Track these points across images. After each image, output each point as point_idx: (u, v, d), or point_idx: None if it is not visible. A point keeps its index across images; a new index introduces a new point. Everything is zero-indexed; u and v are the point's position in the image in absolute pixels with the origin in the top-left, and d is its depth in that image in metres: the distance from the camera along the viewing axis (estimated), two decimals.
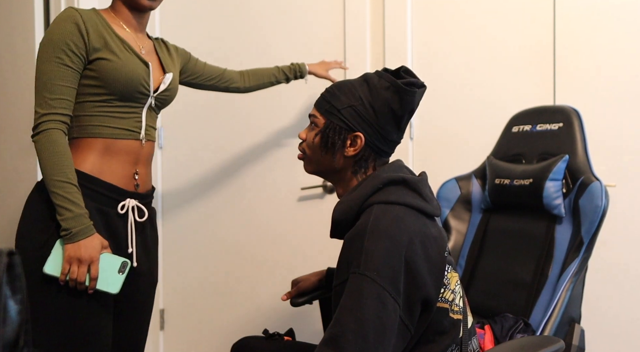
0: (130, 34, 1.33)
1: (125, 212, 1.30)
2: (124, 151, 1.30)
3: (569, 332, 1.30)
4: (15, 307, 0.58)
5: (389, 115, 1.08)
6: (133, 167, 1.33)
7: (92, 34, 1.23)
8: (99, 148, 1.28)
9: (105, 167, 1.28)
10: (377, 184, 1.05)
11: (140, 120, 1.33)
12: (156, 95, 1.35)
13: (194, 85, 1.62)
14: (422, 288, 0.98)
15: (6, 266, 0.58)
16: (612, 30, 1.75)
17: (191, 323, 2.27)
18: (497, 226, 1.65)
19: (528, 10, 1.87)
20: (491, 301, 1.55)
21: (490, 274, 1.60)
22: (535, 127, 1.62)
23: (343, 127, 1.09)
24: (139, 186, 1.35)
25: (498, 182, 1.61)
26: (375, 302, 0.92)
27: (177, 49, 1.53)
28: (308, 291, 1.46)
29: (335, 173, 1.14)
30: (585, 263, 1.34)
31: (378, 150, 1.11)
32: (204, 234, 2.24)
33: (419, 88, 1.10)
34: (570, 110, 1.56)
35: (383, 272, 0.94)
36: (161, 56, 1.41)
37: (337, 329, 0.93)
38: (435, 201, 1.10)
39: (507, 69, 1.91)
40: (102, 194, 1.27)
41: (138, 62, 1.30)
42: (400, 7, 1.96)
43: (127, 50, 1.29)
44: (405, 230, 0.99)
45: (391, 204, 1.02)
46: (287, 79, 1.74)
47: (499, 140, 1.74)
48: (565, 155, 1.46)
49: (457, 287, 1.08)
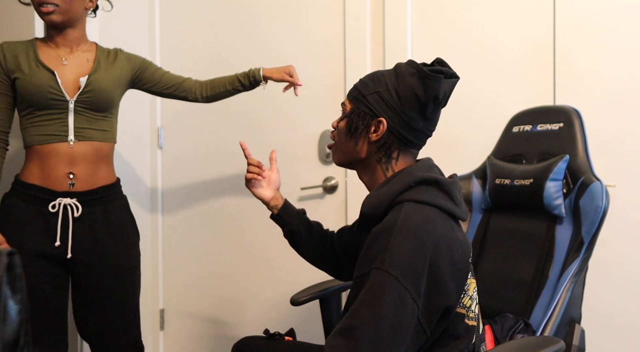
0: (53, 51, 1.53)
1: (57, 210, 1.47)
2: (53, 154, 1.49)
3: (569, 333, 1.30)
4: (15, 307, 0.59)
5: (413, 100, 1.06)
6: (66, 168, 1.50)
7: (10, 60, 1.49)
8: (34, 155, 1.50)
9: (39, 172, 1.49)
10: (409, 182, 1.04)
11: (66, 124, 1.49)
12: (75, 98, 1.50)
13: (153, 92, 1.74)
14: (443, 292, 0.98)
15: (6, 266, 0.59)
16: (612, 30, 1.74)
17: (191, 323, 2.28)
18: (498, 226, 1.65)
19: (528, 11, 1.87)
20: (491, 301, 1.55)
21: (490, 274, 1.60)
22: (536, 127, 1.62)
23: (367, 113, 1.09)
24: (75, 184, 1.50)
25: (498, 182, 1.61)
26: (395, 301, 0.92)
27: (130, 58, 1.65)
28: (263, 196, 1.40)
29: (360, 161, 1.13)
30: (586, 263, 1.35)
31: (402, 137, 1.09)
32: (204, 234, 2.24)
33: (448, 78, 1.09)
34: (570, 110, 1.56)
35: (406, 271, 0.94)
36: (97, 64, 1.56)
37: (354, 321, 0.93)
38: (464, 205, 1.09)
39: (507, 69, 1.90)
40: (34, 196, 1.49)
41: (44, 72, 1.49)
42: (400, 7, 1.96)
43: (37, 66, 1.49)
44: (434, 232, 0.98)
45: (422, 204, 1.01)
46: (243, 85, 1.73)
47: (500, 140, 1.74)
48: (566, 156, 1.46)
49: (474, 294, 1.08)
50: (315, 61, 2.03)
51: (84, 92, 1.51)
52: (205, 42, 2.20)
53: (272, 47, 2.12)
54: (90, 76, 1.52)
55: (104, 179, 1.57)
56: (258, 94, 1.93)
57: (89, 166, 1.52)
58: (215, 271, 2.25)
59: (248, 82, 1.71)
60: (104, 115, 1.56)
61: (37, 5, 1.47)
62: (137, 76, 1.68)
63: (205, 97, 1.74)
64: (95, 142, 1.53)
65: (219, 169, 2.23)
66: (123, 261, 1.61)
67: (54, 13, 1.47)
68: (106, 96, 1.55)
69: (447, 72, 1.09)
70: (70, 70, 1.51)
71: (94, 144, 1.53)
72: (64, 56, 1.53)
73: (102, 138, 1.55)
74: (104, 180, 1.56)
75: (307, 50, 2.06)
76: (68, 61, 1.53)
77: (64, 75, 1.49)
